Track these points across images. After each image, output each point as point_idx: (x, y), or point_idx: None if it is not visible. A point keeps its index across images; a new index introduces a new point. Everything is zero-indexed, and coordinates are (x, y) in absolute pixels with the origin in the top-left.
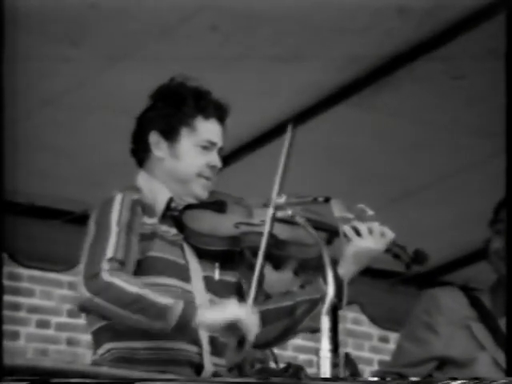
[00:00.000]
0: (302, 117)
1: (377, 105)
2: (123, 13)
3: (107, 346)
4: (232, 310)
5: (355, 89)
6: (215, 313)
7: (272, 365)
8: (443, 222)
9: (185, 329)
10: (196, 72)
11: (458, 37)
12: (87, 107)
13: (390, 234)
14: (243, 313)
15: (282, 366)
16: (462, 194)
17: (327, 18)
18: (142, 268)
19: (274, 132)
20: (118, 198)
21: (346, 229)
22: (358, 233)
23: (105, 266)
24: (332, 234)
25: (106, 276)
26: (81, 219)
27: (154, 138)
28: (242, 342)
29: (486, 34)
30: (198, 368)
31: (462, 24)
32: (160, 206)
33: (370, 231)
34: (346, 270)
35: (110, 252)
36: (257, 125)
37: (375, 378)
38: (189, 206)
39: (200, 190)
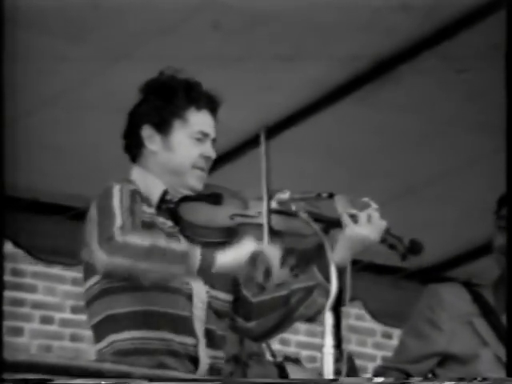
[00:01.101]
0: (305, 113)
1: (379, 101)
2: (124, 12)
3: (109, 338)
4: (251, 244)
5: (358, 85)
6: (234, 252)
7: (269, 358)
8: (445, 218)
9: (208, 272)
10: (197, 70)
11: (460, 33)
12: (88, 106)
13: (384, 224)
14: (259, 245)
15: (279, 359)
16: (464, 190)
17: (329, 14)
18: None
19: (276, 129)
20: (117, 186)
21: (343, 216)
22: (354, 220)
23: (117, 230)
24: (329, 224)
25: (119, 237)
26: (83, 215)
27: (146, 131)
28: (268, 272)
29: (487, 30)
30: (195, 361)
31: (463, 20)
32: (154, 198)
33: (368, 219)
34: (340, 255)
35: (118, 221)
36: (258, 122)
37: (378, 379)
38: (184, 199)
39: (195, 182)
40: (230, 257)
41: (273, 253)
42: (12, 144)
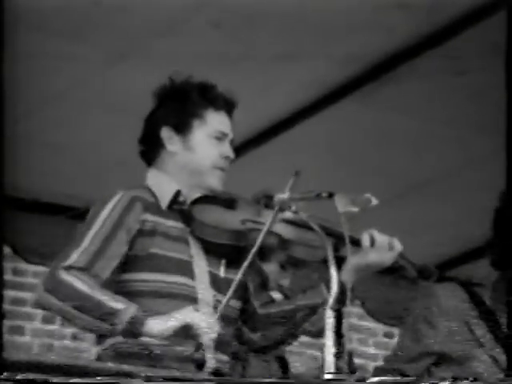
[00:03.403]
0: (305, 113)
1: (379, 101)
2: (126, 11)
3: (110, 340)
4: (181, 317)
5: (358, 85)
6: (162, 322)
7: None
8: (445, 218)
9: (135, 335)
10: (198, 69)
11: (459, 33)
12: (89, 105)
13: (399, 247)
14: (193, 317)
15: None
16: (463, 190)
17: (329, 14)
18: (143, 265)
19: (277, 129)
20: (117, 195)
21: (364, 237)
22: (372, 243)
23: (67, 263)
24: (339, 240)
25: (62, 274)
26: (83, 215)
27: (165, 133)
28: (198, 346)
29: (487, 30)
30: (199, 365)
31: (463, 20)
32: (167, 198)
33: (384, 245)
34: (348, 276)
35: (78, 251)
36: (259, 122)
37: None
38: (198, 200)
39: (215, 182)
40: (160, 326)
41: (204, 326)
42: (14, 142)
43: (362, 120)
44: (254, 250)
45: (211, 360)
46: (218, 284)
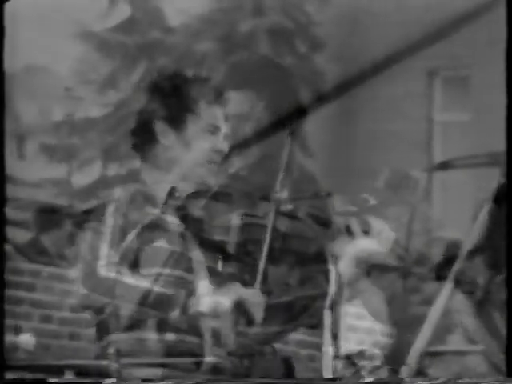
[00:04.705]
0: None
1: (373, 100)
2: None
3: (109, 338)
4: (234, 292)
5: (352, 84)
6: (214, 299)
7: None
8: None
9: (186, 317)
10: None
11: (457, 32)
12: None
13: (392, 235)
14: (246, 293)
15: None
16: (457, 189)
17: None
18: (143, 259)
19: (273, 127)
20: (118, 191)
21: (353, 223)
22: (365, 231)
23: (101, 262)
24: (335, 231)
25: (102, 271)
26: (84, 215)
27: (159, 127)
28: (250, 322)
29: (486, 28)
30: (199, 360)
31: (461, 19)
32: (162, 195)
33: (377, 231)
34: (345, 266)
35: (105, 248)
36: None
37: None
38: (193, 195)
39: (208, 176)
40: (213, 303)
41: (256, 302)
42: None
43: (358, 118)
44: (264, 250)
45: (210, 356)
46: (216, 279)
